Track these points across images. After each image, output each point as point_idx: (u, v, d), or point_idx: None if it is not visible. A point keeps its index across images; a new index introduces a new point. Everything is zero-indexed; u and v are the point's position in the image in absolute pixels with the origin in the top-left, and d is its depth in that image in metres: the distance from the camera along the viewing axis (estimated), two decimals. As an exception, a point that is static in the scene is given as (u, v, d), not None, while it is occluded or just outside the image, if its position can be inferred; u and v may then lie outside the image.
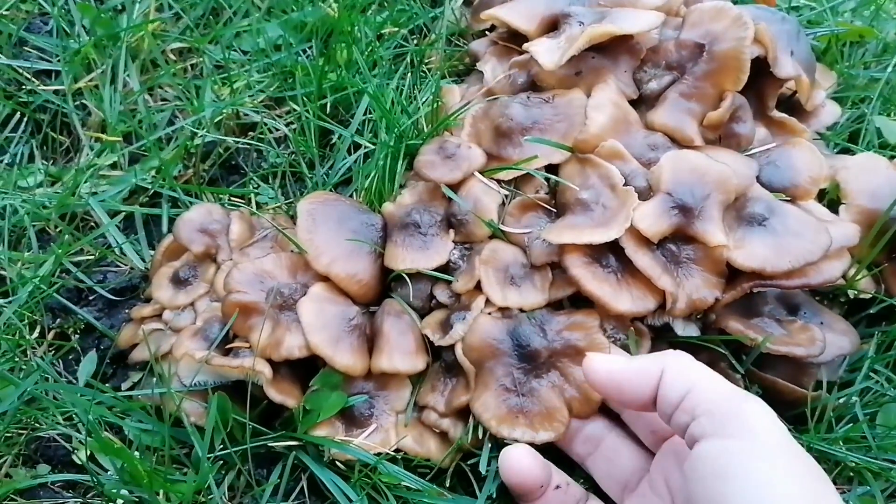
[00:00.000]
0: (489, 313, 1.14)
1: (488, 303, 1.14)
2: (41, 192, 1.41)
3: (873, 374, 1.21)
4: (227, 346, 1.14)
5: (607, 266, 1.12)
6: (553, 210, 1.21)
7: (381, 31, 1.59)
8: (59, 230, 1.38)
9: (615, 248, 1.11)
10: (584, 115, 1.23)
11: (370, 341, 1.17)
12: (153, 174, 1.42)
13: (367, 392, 1.14)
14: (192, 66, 1.58)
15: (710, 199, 1.14)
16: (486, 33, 1.53)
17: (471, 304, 1.14)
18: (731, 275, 1.14)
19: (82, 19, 1.58)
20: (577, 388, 1.09)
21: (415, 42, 1.61)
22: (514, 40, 1.40)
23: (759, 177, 1.22)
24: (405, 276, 1.18)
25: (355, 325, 1.16)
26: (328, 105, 1.46)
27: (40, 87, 1.52)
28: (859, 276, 1.22)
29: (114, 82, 1.50)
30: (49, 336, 1.27)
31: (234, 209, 1.33)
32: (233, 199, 1.41)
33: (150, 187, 1.40)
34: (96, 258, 1.35)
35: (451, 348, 1.13)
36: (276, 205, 1.40)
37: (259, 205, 1.40)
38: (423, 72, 1.53)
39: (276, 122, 1.47)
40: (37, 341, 1.26)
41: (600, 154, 1.19)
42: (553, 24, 1.34)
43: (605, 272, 1.11)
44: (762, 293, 1.17)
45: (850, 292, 1.24)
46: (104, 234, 1.36)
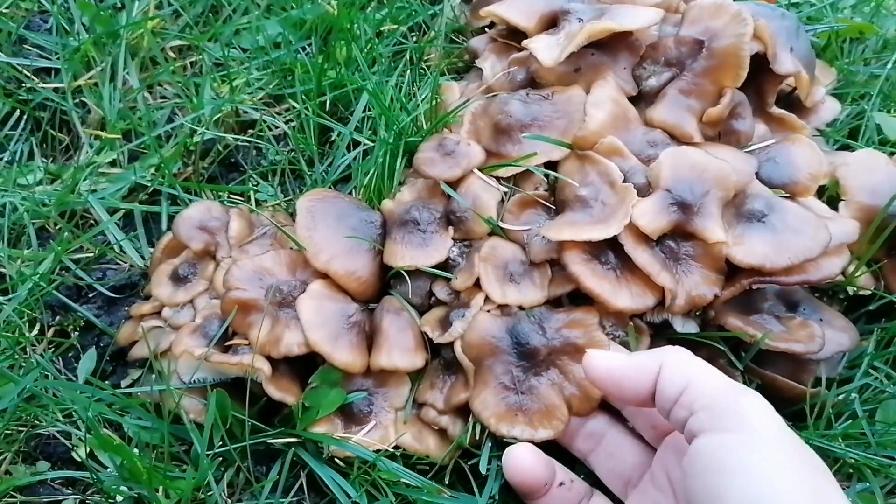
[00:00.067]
0: (488, 311, 1.14)
1: (487, 300, 1.14)
2: (41, 189, 1.41)
3: (872, 371, 1.21)
4: (227, 343, 1.14)
5: (606, 263, 1.12)
6: (552, 207, 1.21)
7: (381, 29, 1.59)
8: (58, 228, 1.38)
9: (614, 244, 1.11)
10: (583, 112, 1.23)
11: (369, 338, 1.17)
12: (153, 172, 1.42)
13: (366, 389, 1.14)
14: (191, 63, 1.58)
15: (709, 195, 1.14)
16: (486, 30, 1.53)
17: (470, 302, 1.14)
18: (731, 271, 1.13)
19: (82, 17, 1.58)
20: (576, 386, 1.09)
21: (414, 39, 1.61)
22: (514, 37, 1.40)
23: (758, 173, 1.22)
24: (404, 273, 1.18)
25: (354, 322, 1.16)
26: (327, 102, 1.46)
27: (40, 84, 1.52)
28: (859, 273, 1.22)
29: (113, 80, 1.51)
30: (49, 333, 1.28)
31: (233, 207, 1.33)
32: (232, 196, 1.41)
33: (150, 185, 1.40)
34: (96, 256, 1.35)
35: (451, 346, 1.12)
36: (276, 202, 1.40)
37: (258, 202, 1.40)
38: (422, 69, 1.52)
39: (275, 119, 1.47)
40: (36, 339, 1.26)
41: (599, 151, 1.19)
42: (552, 21, 1.34)
43: (605, 269, 1.11)
44: (761, 290, 1.17)
45: (849, 289, 1.24)
46: (104, 231, 1.36)
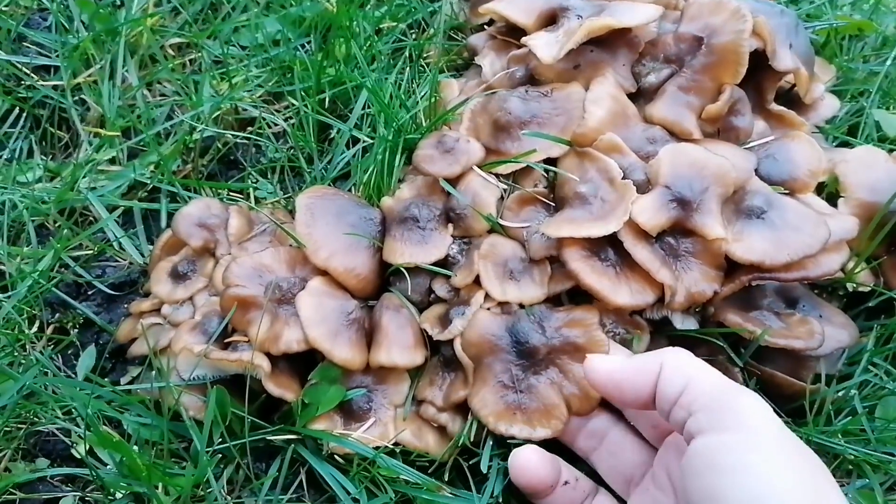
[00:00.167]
0: (488, 308, 1.14)
1: (487, 297, 1.14)
2: (40, 187, 1.41)
3: (872, 367, 1.21)
4: (226, 340, 1.14)
5: (606, 259, 1.12)
6: (551, 204, 1.21)
7: (380, 26, 1.59)
8: (58, 225, 1.38)
9: (614, 241, 1.11)
10: (582, 109, 1.23)
11: (369, 335, 1.17)
12: (152, 169, 1.42)
13: (365, 386, 1.14)
14: (190, 61, 1.58)
15: (708, 192, 1.14)
16: (485, 27, 1.53)
17: (470, 299, 1.14)
18: (730, 268, 1.13)
19: (81, 15, 1.58)
20: (575, 385, 1.08)
21: (413, 36, 1.61)
22: (513, 34, 1.40)
23: (757, 170, 1.22)
24: (404, 270, 1.18)
25: (354, 319, 1.16)
26: (327, 100, 1.45)
27: (39, 82, 1.52)
28: (858, 270, 1.22)
29: (112, 77, 1.50)
30: (48, 330, 1.28)
31: (232, 204, 1.33)
32: (231, 193, 1.41)
33: (149, 182, 1.40)
34: (95, 253, 1.35)
35: (450, 343, 1.12)
36: (275, 199, 1.40)
37: (258, 199, 1.40)
38: (421, 66, 1.52)
39: (274, 116, 1.47)
40: (36, 336, 1.26)
41: (599, 148, 1.19)
42: (551, 18, 1.34)
43: (604, 266, 1.11)
44: (761, 286, 1.17)
45: (848, 285, 1.24)
46: (103, 228, 1.36)
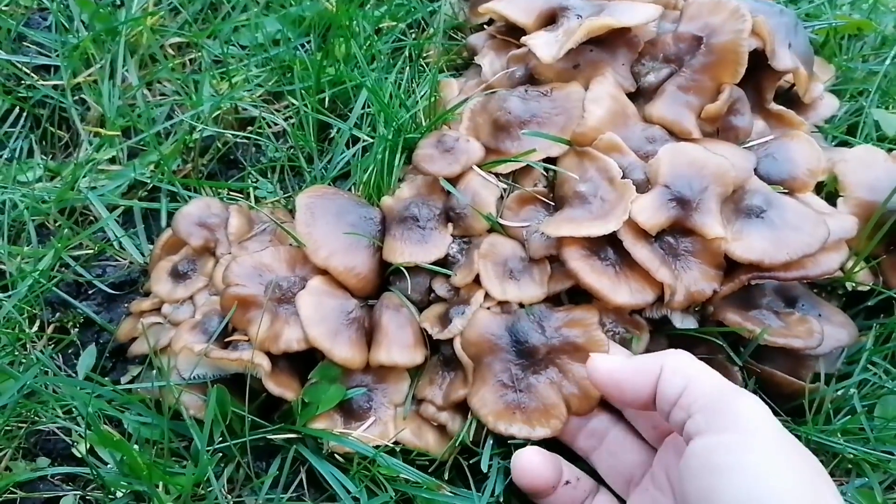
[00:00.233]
0: (488, 308, 1.14)
1: (487, 297, 1.14)
2: (40, 186, 1.41)
3: (871, 366, 1.21)
4: (226, 340, 1.14)
5: (606, 259, 1.12)
6: (551, 203, 1.21)
7: (380, 26, 1.59)
8: (58, 224, 1.38)
9: (613, 240, 1.11)
10: (582, 109, 1.23)
11: (369, 334, 1.17)
12: (152, 168, 1.42)
13: (365, 385, 1.14)
14: (190, 60, 1.58)
15: (707, 191, 1.14)
16: (484, 27, 1.53)
17: (470, 298, 1.14)
18: (729, 267, 1.14)
19: (81, 14, 1.58)
20: (575, 385, 1.08)
21: (413, 36, 1.61)
22: (513, 34, 1.40)
23: (757, 169, 1.22)
24: (404, 269, 1.18)
25: (354, 318, 1.16)
26: (326, 99, 1.46)
27: (39, 82, 1.52)
28: (857, 269, 1.22)
29: (112, 77, 1.51)
30: (48, 330, 1.28)
31: (232, 203, 1.33)
32: (231, 193, 1.41)
33: (149, 182, 1.40)
34: (95, 252, 1.35)
35: (450, 342, 1.12)
36: (275, 199, 1.40)
37: (257, 199, 1.40)
38: (421, 66, 1.53)
39: (274, 116, 1.47)
40: (36, 335, 1.26)
41: (598, 147, 1.19)
42: (551, 18, 1.34)
43: (604, 265, 1.11)
44: (760, 285, 1.17)
45: (848, 284, 1.24)
46: (103, 228, 1.36)
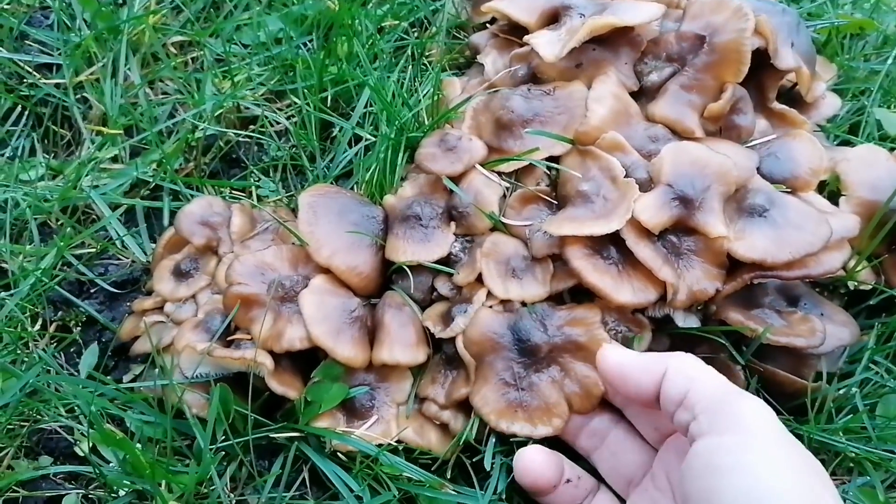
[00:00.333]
0: (490, 306, 1.14)
1: (490, 295, 1.15)
2: (43, 185, 1.41)
3: (873, 365, 1.21)
4: (229, 338, 1.14)
5: (608, 258, 1.12)
6: (554, 202, 1.21)
7: (382, 24, 1.59)
8: (60, 223, 1.38)
9: (616, 239, 1.11)
10: (584, 108, 1.23)
11: (371, 333, 1.17)
12: (154, 167, 1.42)
13: (368, 384, 1.14)
14: (192, 59, 1.58)
15: (710, 190, 1.14)
16: (487, 26, 1.53)
17: (472, 297, 1.14)
18: (732, 266, 1.14)
19: (83, 13, 1.58)
20: (577, 384, 1.09)
21: (415, 35, 1.61)
22: (515, 33, 1.40)
23: (759, 168, 1.22)
24: (406, 268, 1.18)
25: (356, 317, 1.16)
26: (329, 98, 1.45)
27: (41, 80, 1.52)
28: (859, 268, 1.22)
29: (115, 76, 1.51)
30: (51, 328, 1.28)
31: (235, 202, 1.33)
32: (234, 191, 1.41)
33: (152, 180, 1.40)
34: (98, 251, 1.35)
35: (452, 341, 1.13)
36: (277, 198, 1.40)
37: (260, 198, 1.40)
38: (423, 65, 1.52)
39: (276, 115, 1.47)
40: (38, 334, 1.26)
41: (601, 146, 1.19)
42: (553, 17, 1.34)
43: (606, 264, 1.11)
44: (762, 284, 1.17)
45: (850, 283, 1.24)
46: (105, 226, 1.36)
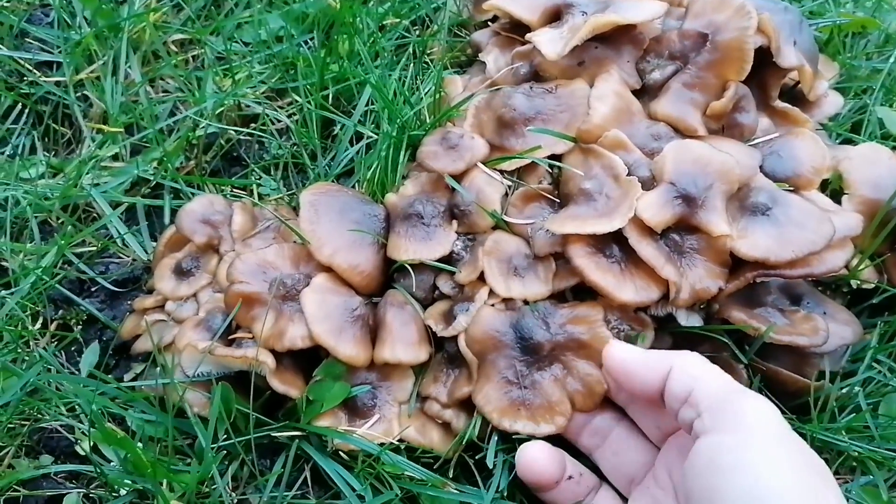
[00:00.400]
0: (492, 304, 1.14)
1: (492, 294, 1.14)
2: (43, 183, 1.41)
3: (876, 364, 1.21)
4: (230, 337, 1.14)
5: (611, 256, 1.12)
6: (556, 200, 1.21)
7: (383, 22, 1.58)
8: (61, 221, 1.37)
9: (619, 238, 1.11)
10: (587, 106, 1.22)
11: (373, 332, 1.17)
12: (155, 165, 1.42)
13: (369, 382, 1.14)
14: (193, 57, 1.58)
15: (713, 188, 1.14)
16: (488, 24, 1.52)
17: (474, 296, 1.14)
18: (735, 265, 1.13)
19: (83, 10, 1.57)
20: (579, 382, 1.09)
21: (417, 33, 1.61)
22: (517, 31, 1.40)
23: (762, 167, 1.22)
24: (408, 266, 1.18)
25: (358, 315, 1.16)
26: (330, 96, 1.45)
27: (42, 78, 1.51)
28: (862, 267, 1.22)
29: (115, 73, 1.50)
30: (51, 327, 1.27)
31: (236, 200, 1.33)
32: (235, 190, 1.41)
33: (152, 178, 1.40)
34: (98, 249, 1.35)
35: (454, 339, 1.12)
36: (278, 196, 1.40)
37: (261, 196, 1.40)
38: (425, 63, 1.52)
39: (277, 113, 1.47)
40: (39, 332, 1.26)
41: (603, 144, 1.19)
42: (556, 15, 1.33)
43: (609, 262, 1.11)
44: (765, 283, 1.17)
45: (852, 282, 1.24)
46: (106, 225, 1.36)
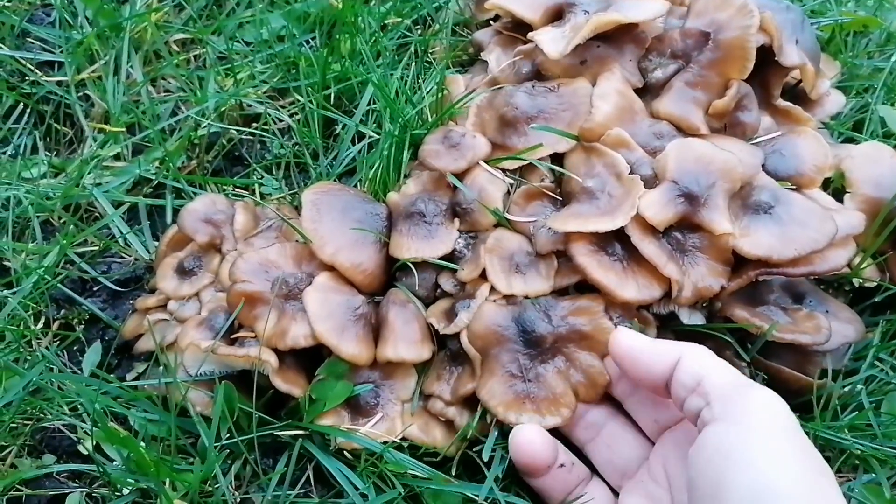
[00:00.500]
0: (493, 301, 1.14)
1: (493, 290, 1.14)
2: (45, 183, 1.41)
3: (878, 363, 1.21)
4: (233, 336, 1.13)
5: (613, 254, 1.12)
6: (558, 198, 1.21)
7: (385, 22, 1.58)
8: (63, 221, 1.37)
9: (621, 236, 1.11)
10: (589, 104, 1.22)
11: (375, 331, 1.17)
12: (157, 165, 1.42)
13: (372, 381, 1.14)
14: (195, 56, 1.58)
15: (715, 187, 1.14)
16: (490, 23, 1.52)
17: (475, 293, 1.14)
18: (737, 263, 1.13)
19: (85, 10, 1.57)
20: (583, 373, 1.09)
21: (419, 32, 1.61)
22: (519, 30, 1.40)
23: (764, 165, 1.22)
24: (410, 265, 1.18)
25: (361, 314, 1.16)
26: (332, 95, 1.45)
27: (43, 78, 1.51)
28: (864, 265, 1.22)
29: (117, 73, 1.50)
30: (54, 327, 1.27)
31: (238, 200, 1.33)
32: (237, 189, 1.41)
33: (154, 178, 1.40)
34: (100, 249, 1.35)
35: (457, 336, 1.12)
36: (280, 195, 1.40)
37: (263, 195, 1.40)
38: (427, 62, 1.52)
39: (279, 112, 1.47)
40: (41, 332, 1.26)
41: (606, 142, 1.19)
42: (558, 13, 1.33)
43: (611, 260, 1.11)
44: (767, 281, 1.17)
45: (854, 281, 1.24)
46: (108, 224, 1.36)
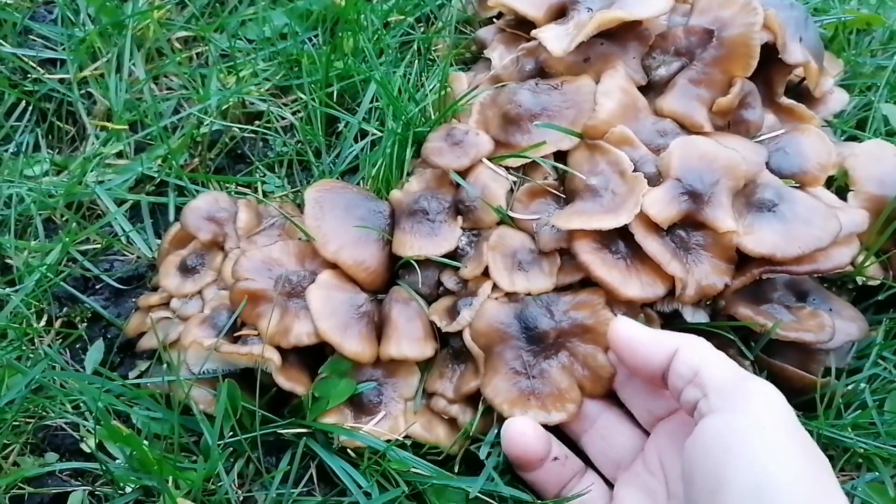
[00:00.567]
0: (496, 298, 1.14)
1: (495, 288, 1.14)
2: (47, 180, 1.40)
3: (881, 361, 1.21)
4: (236, 334, 1.13)
5: (616, 252, 1.11)
6: (562, 196, 1.20)
7: (388, 19, 1.58)
8: (65, 219, 1.37)
9: (624, 234, 1.11)
10: (592, 102, 1.22)
11: (378, 328, 1.17)
12: (159, 163, 1.42)
13: (375, 379, 1.14)
14: (197, 54, 1.58)
15: (719, 185, 1.13)
16: (493, 21, 1.53)
17: (477, 290, 1.14)
18: (741, 261, 1.13)
19: (87, 7, 1.57)
20: (587, 367, 1.09)
21: (421, 30, 1.60)
22: (522, 27, 1.40)
23: (768, 163, 1.22)
24: (413, 262, 1.18)
25: (364, 312, 1.15)
26: (335, 93, 1.45)
27: (45, 75, 1.51)
28: (868, 263, 1.22)
29: (119, 71, 1.50)
30: (56, 325, 1.27)
31: (240, 198, 1.33)
32: (239, 187, 1.41)
33: (157, 176, 1.40)
34: (103, 247, 1.35)
35: (459, 334, 1.12)
36: (283, 193, 1.40)
37: (265, 193, 1.40)
38: (429, 59, 1.52)
39: (282, 110, 1.47)
40: (44, 330, 1.26)
41: (609, 140, 1.19)
42: (561, 11, 1.33)
43: (615, 258, 1.11)
44: (771, 280, 1.17)
45: (858, 279, 1.24)
46: (111, 222, 1.36)
